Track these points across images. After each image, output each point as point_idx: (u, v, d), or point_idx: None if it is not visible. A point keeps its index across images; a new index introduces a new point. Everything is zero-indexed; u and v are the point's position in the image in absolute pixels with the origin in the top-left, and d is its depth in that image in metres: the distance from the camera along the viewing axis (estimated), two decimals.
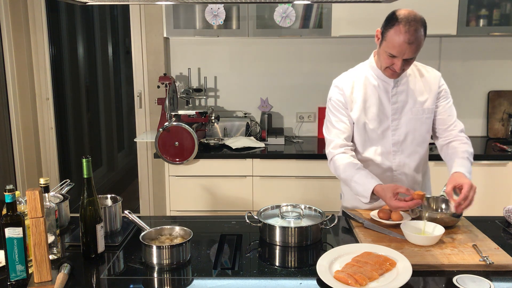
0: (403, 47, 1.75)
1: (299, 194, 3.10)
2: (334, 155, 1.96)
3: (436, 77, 2.00)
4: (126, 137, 5.80)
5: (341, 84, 2.00)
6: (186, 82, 3.61)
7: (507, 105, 3.55)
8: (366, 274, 1.36)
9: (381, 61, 1.87)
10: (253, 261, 1.57)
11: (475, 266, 1.47)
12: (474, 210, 1.81)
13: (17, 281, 1.38)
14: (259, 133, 3.47)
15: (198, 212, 3.17)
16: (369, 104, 1.95)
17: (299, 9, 3.24)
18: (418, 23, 1.74)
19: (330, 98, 2.03)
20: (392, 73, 1.87)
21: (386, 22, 1.80)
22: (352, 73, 2.03)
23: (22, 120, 3.53)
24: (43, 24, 3.61)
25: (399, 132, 1.96)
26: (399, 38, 1.74)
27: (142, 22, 3.54)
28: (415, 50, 1.77)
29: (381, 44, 1.83)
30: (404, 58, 1.78)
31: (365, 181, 1.83)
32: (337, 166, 1.94)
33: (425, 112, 1.96)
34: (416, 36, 1.74)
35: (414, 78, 1.97)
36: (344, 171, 1.91)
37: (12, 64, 3.41)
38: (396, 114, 1.95)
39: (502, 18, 3.23)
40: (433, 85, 1.98)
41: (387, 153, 1.98)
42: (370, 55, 2.02)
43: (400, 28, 1.74)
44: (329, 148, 1.99)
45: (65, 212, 1.82)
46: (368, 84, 1.97)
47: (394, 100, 1.95)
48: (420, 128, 1.98)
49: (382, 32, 1.81)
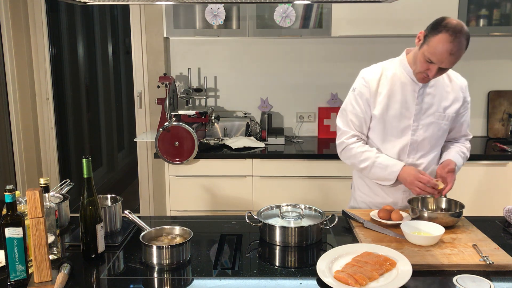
0: (444, 56, 1.74)
1: (299, 194, 3.10)
2: (348, 144, 2.01)
3: (463, 86, 2.02)
4: (126, 137, 5.80)
5: (368, 76, 1.99)
6: (186, 82, 3.61)
7: (507, 105, 3.55)
8: (366, 274, 1.36)
9: (416, 63, 1.86)
10: (253, 261, 1.57)
11: (475, 266, 1.47)
12: (474, 210, 1.82)
13: (17, 281, 1.38)
14: (259, 133, 3.46)
15: (198, 212, 3.17)
16: (394, 100, 1.96)
17: (299, 9, 3.24)
18: (463, 36, 1.74)
19: (354, 88, 2.03)
20: (423, 78, 1.88)
21: (432, 27, 1.78)
22: (381, 67, 2.02)
23: (22, 120, 3.53)
24: (43, 24, 3.61)
25: (418, 133, 1.98)
26: (442, 46, 1.73)
27: (142, 22, 3.54)
28: (454, 62, 1.77)
29: (422, 47, 1.81)
30: (441, 66, 1.77)
31: (389, 164, 1.92)
32: (354, 154, 1.99)
33: (446, 118, 1.98)
34: (459, 47, 1.73)
35: (442, 83, 1.98)
36: (362, 158, 1.96)
37: (12, 64, 3.41)
38: (419, 115, 1.96)
39: (502, 18, 3.23)
40: (459, 94, 2.00)
41: (402, 152, 2.00)
42: (402, 53, 2.01)
43: (446, 36, 1.72)
44: (342, 138, 2.03)
45: (65, 212, 1.82)
46: (396, 81, 1.96)
47: (419, 101, 1.95)
48: (438, 132, 1.99)
49: (426, 36, 1.79)
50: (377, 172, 1.96)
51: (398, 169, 1.92)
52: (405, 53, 1.99)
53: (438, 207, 1.90)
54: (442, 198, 1.90)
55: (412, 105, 1.95)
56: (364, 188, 2.12)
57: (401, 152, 2.00)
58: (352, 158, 2.01)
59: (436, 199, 1.90)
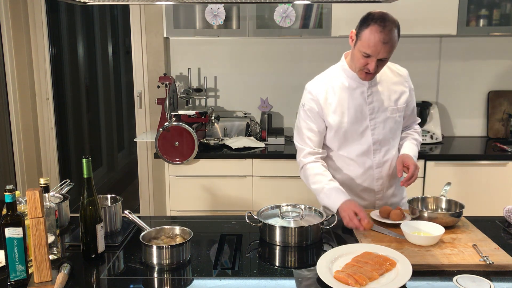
0: (378, 46, 1.76)
1: (299, 194, 3.10)
2: (305, 164, 2.00)
3: (405, 75, 2.05)
4: (126, 137, 5.80)
5: (315, 90, 2.00)
6: (186, 82, 3.61)
7: (507, 105, 3.55)
8: (366, 274, 1.36)
9: (355, 62, 1.88)
10: (253, 261, 1.57)
11: (475, 266, 1.47)
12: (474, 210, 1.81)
13: (17, 281, 1.38)
14: (259, 133, 3.46)
15: (198, 212, 3.17)
16: (345, 107, 1.96)
17: (299, 9, 3.24)
18: (392, 24, 1.78)
19: (303, 104, 2.03)
20: (366, 75, 1.88)
21: (361, 23, 1.82)
22: (325, 77, 2.03)
23: (22, 120, 3.53)
24: (43, 24, 3.61)
25: (378, 131, 1.99)
26: (374, 37, 1.76)
27: (142, 22, 3.54)
28: (390, 50, 1.79)
29: (356, 44, 1.84)
30: (379, 58, 1.80)
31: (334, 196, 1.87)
32: (307, 176, 1.99)
33: (398, 110, 2.01)
34: (390, 36, 1.76)
35: (386, 77, 2.00)
36: (314, 182, 1.95)
37: (12, 64, 3.41)
38: (373, 114, 1.98)
39: (502, 18, 3.23)
40: (404, 84, 2.03)
41: (367, 152, 2.00)
42: (341, 57, 2.02)
43: (375, 27, 1.76)
44: (300, 157, 2.03)
45: (65, 212, 1.82)
46: (343, 87, 1.98)
47: (370, 100, 1.97)
48: (394, 126, 2.02)
49: (357, 33, 1.83)
50: (323, 199, 1.93)
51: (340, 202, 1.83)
52: (344, 57, 2.01)
53: (438, 207, 1.90)
54: (442, 198, 1.90)
55: (364, 106, 1.96)
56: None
57: (366, 153, 2.00)
58: (306, 179, 2.01)
59: (436, 199, 1.90)
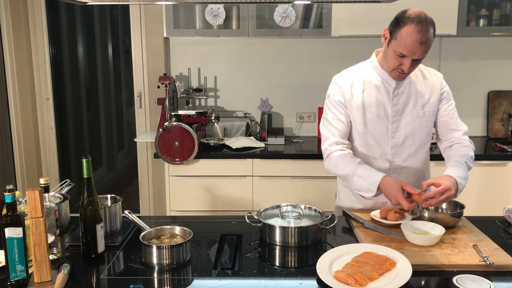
0: (415, 46, 1.72)
1: (299, 194, 3.10)
2: (331, 152, 1.94)
3: (438, 79, 1.98)
4: (126, 137, 5.80)
5: (341, 82, 1.97)
6: (186, 82, 3.61)
7: (507, 105, 3.55)
8: (366, 274, 1.36)
9: (388, 61, 1.84)
10: (253, 261, 1.57)
11: (475, 266, 1.47)
12: (474, 210, 1.81)
13: (17, 281, 1.38)
14: (259, 133, 3.47)
15: (198, 212, 3.17)
16: (369, 104, 1.93)
17: (299, 9, 3.24)
18: (429, 23, 1.73)
19: (329, 95, 2.01)
20: (399, 75, 1.84)
21: (396, 21, 1.77)
22: (353, 71, 2.00)
23: (22, 120, 3.53)
24: (43, 24, 3.61)
25: (398, 135, 1.94)
26: (411, 37, 1.71)
27: (142, 22, 3.54)
28: (425, 50, 1.75)
29: (390, 43, 1.79)
30: (414, 58, 1.75)
31: (370, 174, 1.80)
32: (336, 162, 1.91)
33: (426, 115, 1.94)
34: (427, 36, 1.72)
35: (416, 80, 1.95)
36: (345, 167, 1.88)
37: (12, 64, 3.41)
38: (396, 116, 1.93)
39: (502, 18, 3.23)
40: (435, 87, 1.96)
41: (385, 156, 1.96)
42: (372, 55, 2.00)
43: (413, 27, 1.71)
44: (326, 145, 1.96)
45: (65, 212, 1.82)
46: (369, 84, 1.94)
47: (395, 102, 1.92)
48: (420, 132, 1.95)
49: (392, 32, 1.78)
50: (357, 183, 1.85)
51: (380, 177, 1.78)
52: (375, 55, 1.97)
53: (439, 207, 1.90)
54: None
55: (388, 107, 1.92)
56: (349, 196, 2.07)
57: (383, 157, 1.96)
58: (335, 167, 1.93)
59: None
